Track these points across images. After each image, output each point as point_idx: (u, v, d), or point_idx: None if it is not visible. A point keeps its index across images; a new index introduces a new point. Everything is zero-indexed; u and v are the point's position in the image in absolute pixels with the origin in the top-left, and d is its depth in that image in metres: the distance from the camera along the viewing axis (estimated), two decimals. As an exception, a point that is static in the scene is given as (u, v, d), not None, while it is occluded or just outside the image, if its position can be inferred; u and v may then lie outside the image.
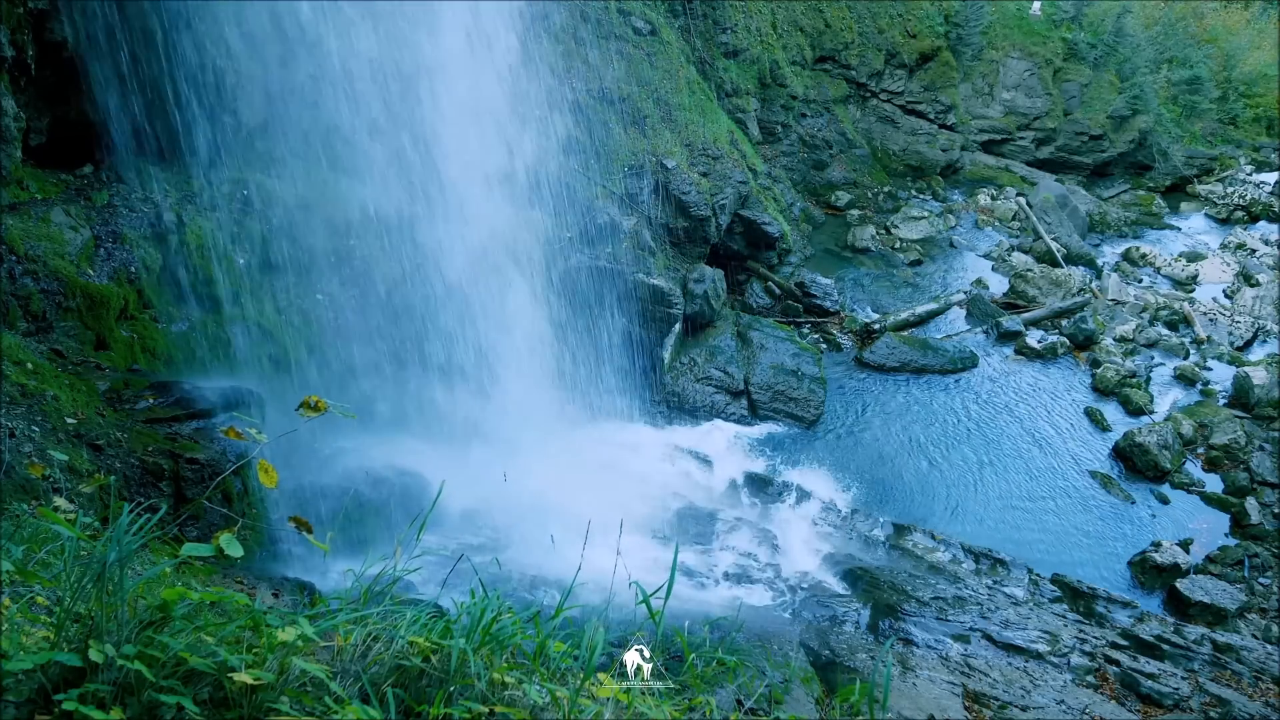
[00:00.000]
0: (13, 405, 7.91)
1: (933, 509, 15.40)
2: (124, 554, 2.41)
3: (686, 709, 2.90)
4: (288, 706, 2.34)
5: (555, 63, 15.07)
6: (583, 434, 14.75)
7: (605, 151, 17.00)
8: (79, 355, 9.42)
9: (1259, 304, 23.93)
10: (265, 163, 11.39)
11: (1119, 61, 33.60)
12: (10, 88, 9.34)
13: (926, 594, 12.27)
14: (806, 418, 17.04)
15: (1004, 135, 32.25)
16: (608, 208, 16.64)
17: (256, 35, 10.39)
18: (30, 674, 2.22)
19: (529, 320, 14.25)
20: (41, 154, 10.31)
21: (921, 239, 25.24)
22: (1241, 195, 32.93)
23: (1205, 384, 20.22)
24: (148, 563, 3.64)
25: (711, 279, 17.81)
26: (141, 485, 8.29)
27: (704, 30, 22.74)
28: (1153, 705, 10.42)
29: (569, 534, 5.53)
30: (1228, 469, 17.35)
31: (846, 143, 27.63)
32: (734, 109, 22.82)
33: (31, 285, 9.28)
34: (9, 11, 9.08)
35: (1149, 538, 15.32)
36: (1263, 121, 39.64)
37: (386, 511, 10.49)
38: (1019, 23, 33.29)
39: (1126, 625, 12.46)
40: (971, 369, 19.64)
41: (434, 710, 2.45)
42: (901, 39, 28.96)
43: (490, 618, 2.73)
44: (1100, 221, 29.35)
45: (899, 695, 9.37)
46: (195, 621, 2.48)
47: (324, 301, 11.84)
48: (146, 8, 9.64)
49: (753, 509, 14.18)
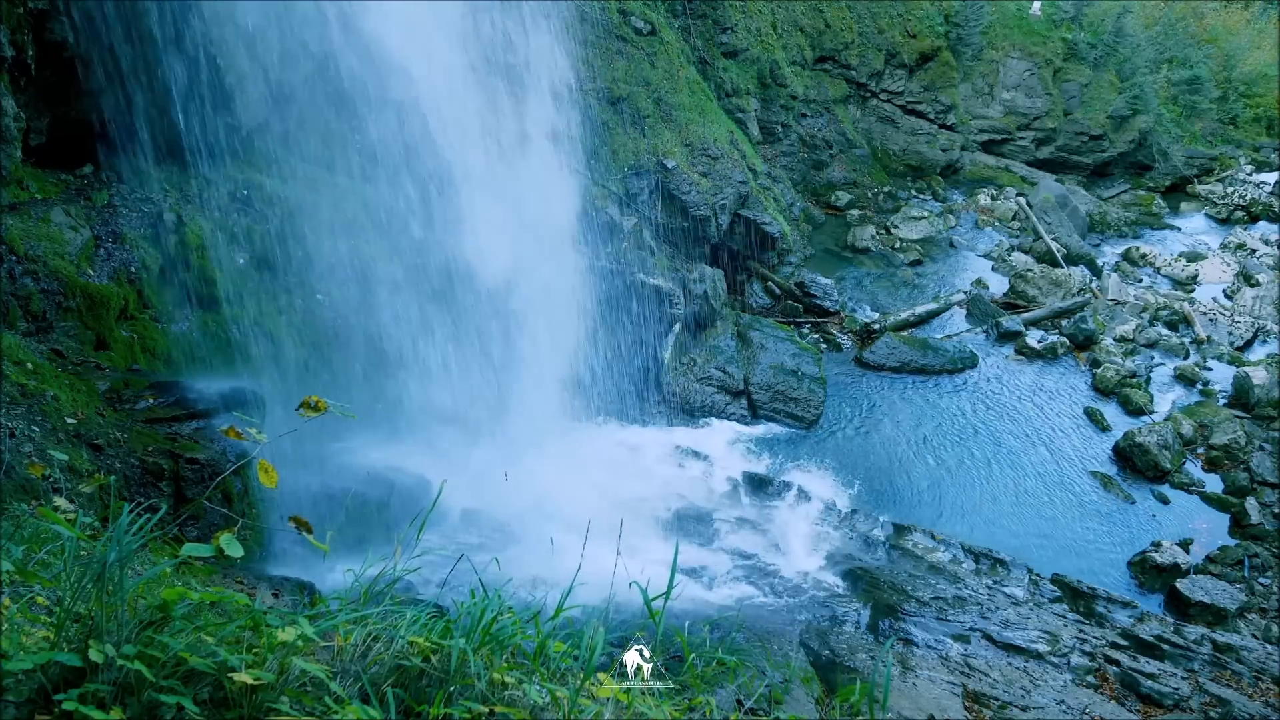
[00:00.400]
0: (13, 405, 7.91)
1: (933, 509, 15.40)
2: (124, 554, 2.41)
3: (686, 709, 2.90)
4: (288, 706, 2.34)
5: (555, 62, 15.07)
6: (583, 434, 14.75)
7: (605, 151, 17.00)
8: (79, 355, 9.42)
9: (1259, 304, 23.94)
10: (265, 163, 11.39)
11: (1119, 61, 33.60)
12: (10, 88, 9.34)
13: (926, 594, 12.27)
14: (806, 418, 17.04)
15: (1004, 135, 32.25)
16: (608, 208, 16.64)
17: (256, 35, 10.39)
18: (30, 674, 2.22)
19: (529, 321, 14.24)
20: (41, 154, 10.31)
21: (921, 239, 25.24)
22: (1241, 195, 32.93)
23: (1205, 384, 20.22)
24: (148, 563, 3.64)
25: (711, 279, 17.81)
26: (141, 485, 8.29)
27: (704, 30, 22.74)
28: (1153, 705, 10.42)
29: (569, 534, 5.55)
30: (1228, 469, 17.35)
31: (846, 143, 27.63)
32: (734, 109, 22.82)
33: (31, 285, 9.28)
34: (9, 11, 9.08)
35: (1149, 538, 15.32)
36: (1263, 121, 39.64)
37: (387, 511, 10.49)
38: (1019, 23, 33.30)
39: (1126, 625, 12.46)
40: (971, 369, 19.64)
41: (434, 710, 2.45)
42: (901, 39, 28.96)
43: (490, 618, 2.73)
44: (1100, 221, 29.35)
45: (899, 695, 9.37)
46: (195, 621, 2.48)
47: (324, 301, 11.83)
48: (146, 8, 9.64)
49: (753, 509, 14.18)
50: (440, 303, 12.87)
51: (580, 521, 4.16)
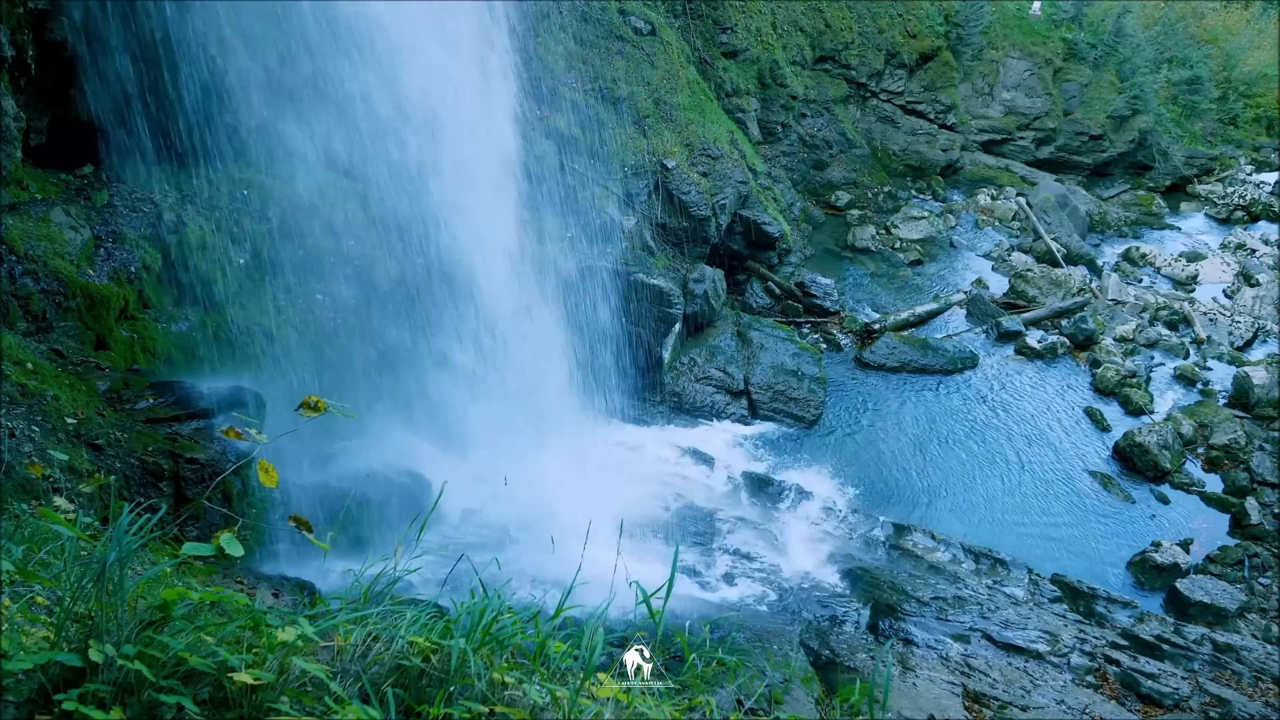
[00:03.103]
0: (13, 405, 7.91)
1: (933, 509, 15.40)
2: (124, 554, 2.41)
3: (686, 709, 2.90)
4: (288, 706, 2.34)
5: (555, 62, 15.07)
6: (583, 434, 14.75)
7: (605, 151, 17.00)
8: (79, 355, 9.42)
9: (1259, 304, 23.94)
10: (265, 163, 11.39)
11: (1119, 61, 33.60)
12: (10, 88, 9.33)
13: (926, 594, 12.27)
14: (806, 418, 17.04)
15: (1004, 135, 32.24)
16: (608, 208, 16.64)
17: (256, 35, 10.39)
18: (30, 674, 2.22)
19: (529, 321, 14.24)
20: (41, 154, 10.30)
21: (921, 239, 25.24)
22: (1241, 195, 32.92)
23: (1205, 384, 20.21)
24: (148, 563, 3.64)
25: (711, 279, 17.81)
26: (141, 485, 8.29)
27: (704, 30, 22.74)
28: (1153, 705, 10.42)
29: (569, 534, 5.54)
30: (1228, 469, 17.35)
31: (846, 143, 27.63)
32: (734, 109, 22.81)
33: (31, 285, 9.28)
34: (9, 11, 9.08)
35: (1149, 538, 15.32)
36: (1263, 121, 39.62)
37: (387, 511, 10.49)
38: (1019, 23, 33.29)
39: (1126, 625, 12.46)
40: (971, 369, 19.64)
41: (434, 710, 2.45)
42: (901, 39, 28.95)
43: (490, 618, 2.73)
44: (1100, 221, 29.35)
45: (899, 695, 9.37)
46: (195, 621, 2.48)
47: (324, 301, 11.83)
48: (146, 7, 9.64)
49: (753, 509, 14.18)
50: (439, 302, 12.87)
51: (580, 521, 4.16)
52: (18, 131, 9.54)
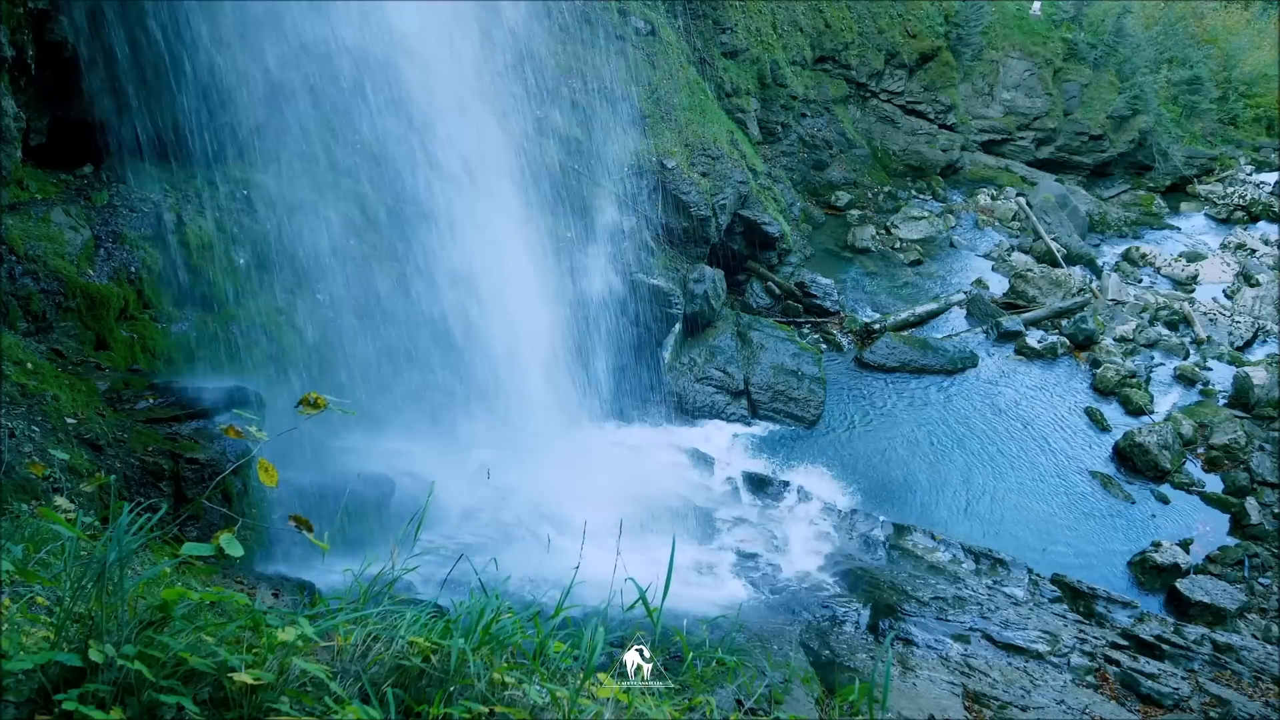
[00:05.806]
0: (13, 405, 7.91)
1: (933, 509, 15.39)
2: (124, 554, 2.41)
3: (686, 709, 2.90)
4: (288, 706, 2.34)
5: (555, 62, 15.07)
6: (582, 434, 14.75)
7: (605, 152, 17.00)
8: (79, 355, 9.42)
9: (1259, 304, 23.93)
10: (265, 163, 11.39)
11: (1119, 61, 33.60)
12: (10, 88, 9.33)
13: (926, 594, 12.27)
14: (806, 418, 17.04)
15: (1004, 135, 32.23)
16: (607, 208, 16.64)
17: (256, 34, 10.39)
18: (30, 674, 2.22)
19: (529, 321, 14.24)
20: (41, 154, 10.30)
21: (921, 239, 25.23)
22: (1241, 195, 32.91)
23: (1205, 384, 20.21)
24: (148, 563, 3.64)
25: (711, 279, 17.80)
26: (141, 485, 8.29)
27: (704, 30, 22.74)
28: (1153, 705, 10.42)
29: (569, 534, 5.56)
30: (1228, 469, 17.35)
31: (846, 143, 27.63)
32: (734, 109, 22.82)
33: (31, 285, 9.28)
34: (9, 11, 9.08)
35: (1149, 538, 15.32)
36: (1263, 121, 39.63)
37: (386, 511, 10.49)
38: (1019, 23, 33.29)
39: (1126, 625, 12.46)
40: (971, 369, 19.64)
41: (434, 710, 2.45)
42: (901, 39, 28.95)
43: (490, 618, 2.73)
44: (1100, 221, 29.34)
45: (899, 695, 9.37)
46: (195, 621, 2.48)
47: (324, 301, 11.84)
48: (146, 8, 9.64)
49: (753, 509, 14.18)
50: (439, 302, 12.87)
51: (579, 521, 4.16)
52: (18, 131, 9.54)
